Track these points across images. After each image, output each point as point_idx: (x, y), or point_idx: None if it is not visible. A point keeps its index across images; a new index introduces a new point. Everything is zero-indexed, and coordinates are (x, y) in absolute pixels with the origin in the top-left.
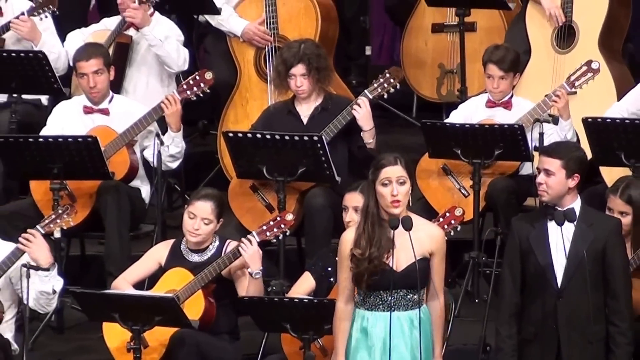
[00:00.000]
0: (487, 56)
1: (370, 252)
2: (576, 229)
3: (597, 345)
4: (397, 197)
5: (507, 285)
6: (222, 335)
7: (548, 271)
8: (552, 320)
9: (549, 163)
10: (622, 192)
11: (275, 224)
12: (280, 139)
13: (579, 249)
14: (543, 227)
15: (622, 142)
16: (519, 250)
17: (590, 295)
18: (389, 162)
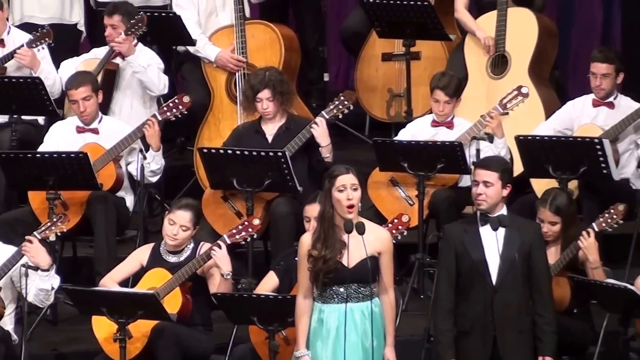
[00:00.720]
0: (434, 83)
1: (326, 253)
2: (506, 233)
3: (526, 334)
4: (352, 201)
5: (443, 285)
6: (197, 327)
7: (484, 270)
8: (489, 313)
9: (487, 175)
10: (550, 204)
11: (243, 228)
12: (249, 155)
13: (510, 250)
14: (476, 232)
15: (550, 157)
16: (454, 253)
17: (521, 290)
18: (343, 172)
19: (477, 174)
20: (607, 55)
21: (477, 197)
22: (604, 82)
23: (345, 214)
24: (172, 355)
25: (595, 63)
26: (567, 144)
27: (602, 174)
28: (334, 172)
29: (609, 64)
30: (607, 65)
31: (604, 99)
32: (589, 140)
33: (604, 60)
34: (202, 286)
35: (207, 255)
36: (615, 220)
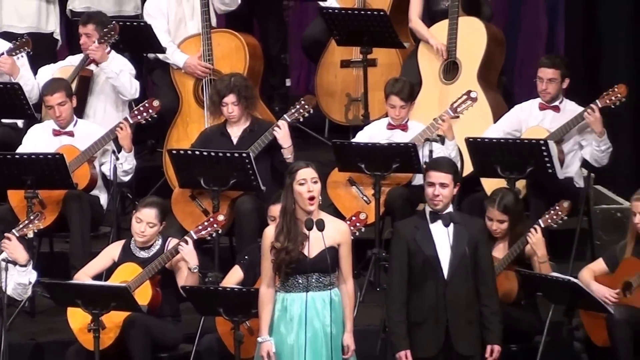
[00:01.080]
0: (389, 89)
1: (288, 246)
2: (455, 229)
3: (475, 324)
4: (313, 193)
5: (396, 280)
6: (167, 318)
7: (436, 265)
8: (442, 305)
9: (444, 177)
10: (498, 203)
11: (209, 224)
12: (215, 156)
13: (460, 245)
14: (427, 229)
15: (498, 158)
16: (406, 249)
17: (469, 283)
18: (303, 166)
19: (433, 176)
20: (554, 61)
21: (435, 197)
22: (550, 86)
23: (307, 206)
24: (143, 344)
25: (543, 68)
26: (515, 145)
27: (547, 173)
28: (294, 167)
29: (555, 70)
30: (554, 70)
31: (550, 103)
32: (535, 142)
33: (550, 65)
34: (171, 279)
35: (175, 250)
36: (560, 217)
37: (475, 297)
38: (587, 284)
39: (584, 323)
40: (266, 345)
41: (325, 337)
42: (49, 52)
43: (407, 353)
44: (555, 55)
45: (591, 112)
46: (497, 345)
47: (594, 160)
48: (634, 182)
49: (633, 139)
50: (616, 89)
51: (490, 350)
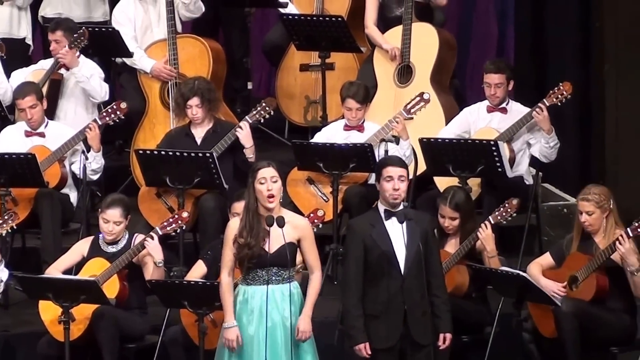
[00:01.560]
0: (344, 92)
1: (250, 241)
2: (408, 225)
3: (428, 315)
4: (272, 191)
5: (353, 275)
6: (134, 311)
7: (393, 260)
8: (399, 299)
9: (401, 172)
10: (450, 201)
11: (173, 221)
12: (180, 155)
13: (414, 240)
14: (382, 225)
15: (450, 157)
16: (362, 246)
17: (422, 276)
18: (264, 165)
19: (392, 171)
20: (499, 66)
21: (395, 192)
22: (498, 90)
23: (267, 203)
24: (111, 335)
25: (489, 74)
26: (466, 145)
27: (497, 172)
28: (256, 166)
29: (501, 74)
30: (499, 75)
31: (498, 106)
32: (486, 142)
33: (496, 71)
34: (138, 273)
35: (141, 246)
36: (510, 214)
37: (427, 289)
38: (535, 277)
39: (532, 315)
40: (234, 331)
41: (284, 330)
42: (21, 57)
43: (366, 345)
44: (499, 60)
45: (539, 111)
46: (449, 334)
47: (543, 157)
48: (580, 180)
49: (578, 139)
50: (561, 87)
51: (442, 338)
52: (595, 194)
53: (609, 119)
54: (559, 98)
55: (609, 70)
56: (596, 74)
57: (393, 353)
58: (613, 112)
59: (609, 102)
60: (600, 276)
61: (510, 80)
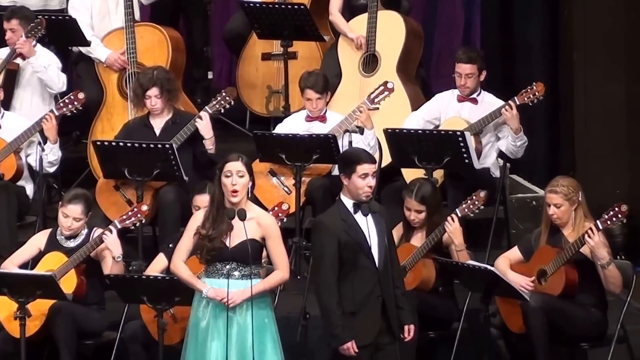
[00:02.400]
0: (303, 83)
1: (211, 233)
2: (374, 218)
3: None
4: (236, 187)
5: (329, 272)
6: (92, 306)
7: (369, 254)
8: (377, 293)
9: (375, 168)
10: (416, 194)
11: (132, 214)
12: (139, 147)
13: (382, 232)
14: (354, 220)
15: (416, 148)
16: (337, 242)
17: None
18: (233, 158)
19: (368, 169)
20: (470, 55)
21: (369, 189)
22: (469, 81)
23: (230, 197)
24: (68, 331)
25: (460, 64)
26: (432, 136)
27: (464, 164)
28: (225, 158)
29: (472, 64)
30: (471, 65)
31: (468, 96)
32: (452, 133)
33: (467, 60)
34: (96, 268)
35: (99, 240)
36: (477, 206)
37: None
38: (503, 272)
39: (500, 310)
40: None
41: (238, 327)
42: None
43: (352, 343)
44: (470, 49)
45: (509, 109)
46: (413, 325)
47: (509, 153)
48: (549, 172)
49: (547, 130)
50: (534, 87)
51: (407, 330)
52: (564, 185)
53: (578, 109)
54: (531, 98)
55: (578, 58)
56: (565, 63)
57: (370, 349)
58: (582, 102)
59: (577, 91)
60: (569, 270)
61: (482, 71)
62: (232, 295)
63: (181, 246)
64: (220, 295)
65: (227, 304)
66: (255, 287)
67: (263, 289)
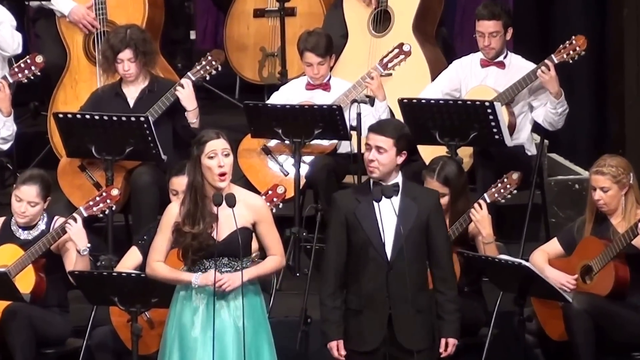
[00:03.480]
0: (302, 45)
1: (195, 230)
2: (401, 204)
3: (425, 314)
4: (224, 168)
5: (332, 259)
6: (53, 308)
7: (378, 245)
8: (384, 291)
9: (381, 141)
10: (438, 174)
11: (101, 199)
12: (108, 120)
13: (405, 222)
14: (370, 202)
15: (437, 122)
16: (345, 225)
17: (417, 266)
18: (213, 137)
19: (370, 138)
20: (493, 11)
21: (369, 163)
22: (493, 41)
23: (217, 182)
24: (25, 338)
25: (482, 21)
26: (456, 107)
27: (494, 139)
28: (202, 137)
29: (496, 21)
30: (495, 22)
31: (493, 59)
32: (479, 103)
33: (490, 17)
34: (58, 264)
35: (61, 230)
36: (509, 190)
37: (426, 282)
38: (541, 267)
39: (537, 313)
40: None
41: (235, 332)
42: None
43: (338, 344)
44: (493, 3)
45: (545, 70)
46: (453, 339)
47: (547, 124)
48: (594, 150)
49: (592, 100)
50: (575, 41)
51: (444, 344)
52: (612, 166)
53: (629, 76)
54: (571, 54)
55: (629, 16)
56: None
57: (375, 358)
58: (634, 67)
59: (628, 55)
60: (619, 266)
61: (509, 28)
62: (227, 277)
63: (156, 246)
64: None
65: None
66: (247, 272)
67: (257, 274)
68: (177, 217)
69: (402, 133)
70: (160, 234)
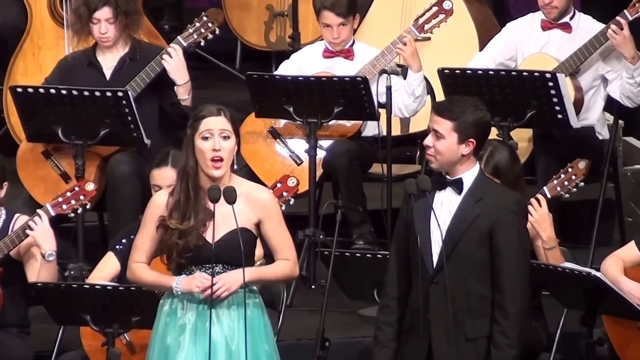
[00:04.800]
0: (319, 2)
1: (184, 226)
2: (461, 204)
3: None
4: (220, 152)
5: (391, 263)
6: (10, 329)
7: (425, 250)
8: (425, 309)
9: (439, 123)
10: (486, 162)
11: (72, 195)
12: (79, 95)
13: (458, 227)
14: (429, 197)
15: (485, 97)
16: (404, 219)
17: (472, 284)
18: (211, 113)
19: (430, 119)
20: None
21: (426, 150)
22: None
23: (210, 170)
24: None
25: None
26: (509, 79)
27: (556, 120)
28: (199, 112)
29: None
30: None
31: (557, 20)
32: (539, 74)
33: None
34: (17, 273)
35: (23, 231)
36: (575, 182)
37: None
38: (615, 279)
39: (610, 335)
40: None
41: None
42: None
43: None
44: None
45: (617, 29)
46: None
47: (626, 99)
48: None
49: None
50: None
51: None
52: None
53: None
54: None
55: None
56: None
57: None
58: None
59: None
60: None
61: None
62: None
63: (138, 244)
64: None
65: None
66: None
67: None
68: (163, 210)
69: (469, 116)
70: (143, 229)
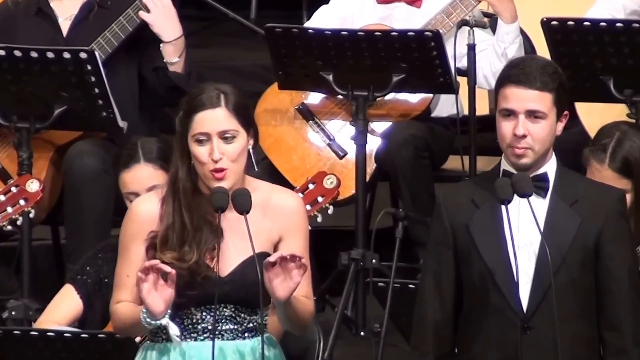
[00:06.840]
0: None
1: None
2: (551, 210)
3: None
4: (221, 162)
5: (427, 296)
6: None
7: (505, 284)
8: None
9: (538, 100)
10: (612, 155)
11: (8, 200)
12: (24, 57)
13: (560, 243)
14: (495, 207)
15: (610, 62)
16: (453, 247)
17: (578, 325)
18: (207, 103)
19: (513, 96)
20: None
21: (515, 142)
22: None
23: (210, 180)
24: None
25: None
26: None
27: None
28: (193, 100)
29: None
30: None
31: None
32: None
33: None
34: None
35: None
36: None
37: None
38: None
39: None
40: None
41: None
42: None
43: None
44: None
45: None
46: None
47: None
48: None
49: None
50: None
51: None
52: None
53: None
54: None
55: None
56: None
57: None
58: None
59: None
60: None
61: None
62: None
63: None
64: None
65: None
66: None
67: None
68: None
69: (563, 79)
70: (124, 256)
